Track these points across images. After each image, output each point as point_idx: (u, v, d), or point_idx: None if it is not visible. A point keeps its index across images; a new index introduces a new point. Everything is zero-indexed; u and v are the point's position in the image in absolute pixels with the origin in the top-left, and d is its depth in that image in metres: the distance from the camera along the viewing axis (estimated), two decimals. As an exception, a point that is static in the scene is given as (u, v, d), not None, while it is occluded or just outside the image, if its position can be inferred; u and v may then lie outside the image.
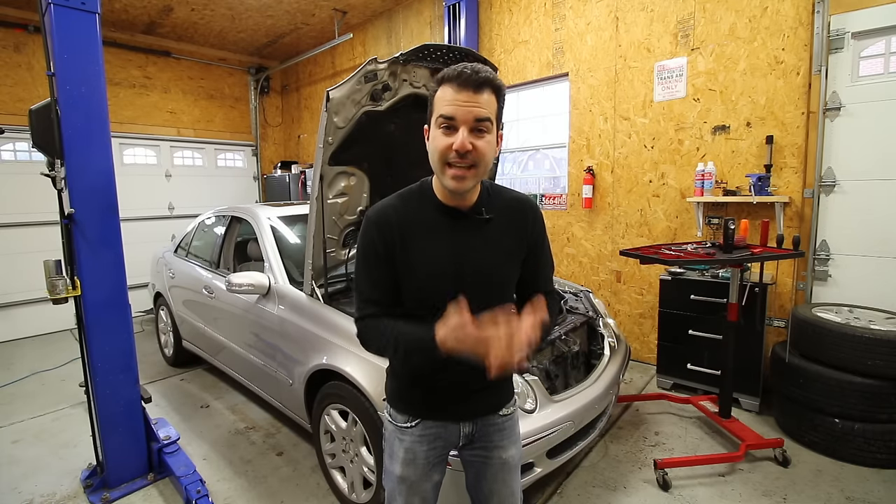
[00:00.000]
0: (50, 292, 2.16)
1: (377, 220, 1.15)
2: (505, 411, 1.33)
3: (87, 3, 2.16)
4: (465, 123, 1.02)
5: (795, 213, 3.21)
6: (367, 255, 1.16)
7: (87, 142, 2.22)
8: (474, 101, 1.02)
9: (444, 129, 1.05)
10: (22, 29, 5.25)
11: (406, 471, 1.27)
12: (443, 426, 1.27)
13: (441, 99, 1.05)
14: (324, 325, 2.34)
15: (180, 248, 4.17)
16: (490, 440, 1.31)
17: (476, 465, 1.34)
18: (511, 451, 1.33)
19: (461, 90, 1.02)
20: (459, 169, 1.05)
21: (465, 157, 1.03)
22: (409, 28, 5.55)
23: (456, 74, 1.03)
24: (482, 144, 1.04)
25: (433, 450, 1.27)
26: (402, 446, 1.27)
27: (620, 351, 2.72)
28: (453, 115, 1.03)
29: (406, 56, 2.30)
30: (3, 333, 5.26)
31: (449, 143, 1.03)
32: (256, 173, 7.61)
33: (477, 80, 1.02)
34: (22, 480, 2.62)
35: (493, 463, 1.31)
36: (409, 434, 1.27)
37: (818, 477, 2.45)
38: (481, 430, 1.30)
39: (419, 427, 1.26)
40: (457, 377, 1.20)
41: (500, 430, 1.31)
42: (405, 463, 1.27)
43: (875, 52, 2.91)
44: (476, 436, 1.30)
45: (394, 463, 1.29)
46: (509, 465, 1.33)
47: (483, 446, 1.31)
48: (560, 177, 4.64)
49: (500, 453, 1.31)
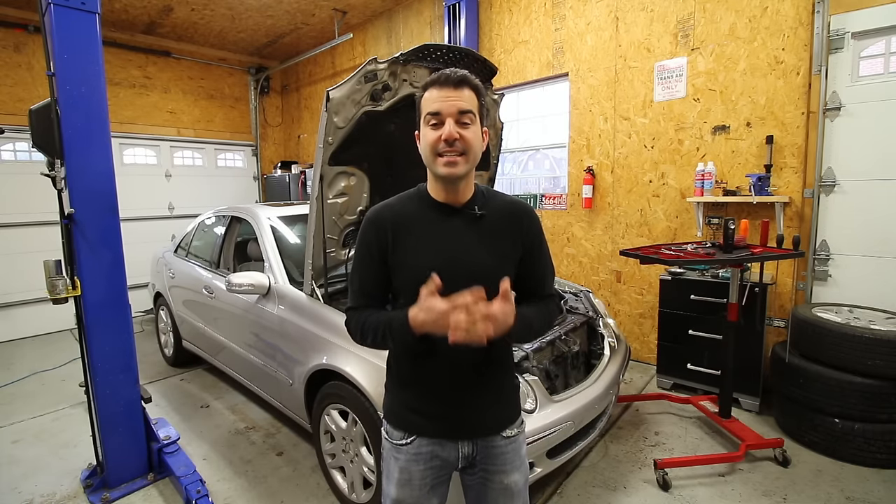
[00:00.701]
0: (50, 292, 2.16)
1: (374, 219, 1.22)
2: (509, 433, 1.26)
3: (87, 3, 2.16)
4: (450, 116, 1.11)
5: (795, 213, 3.21)
6: (361, 253, 1.23)
7: (87, 142, 2.22)
8: (456, 95, 1.12)
9: (432, 125, 1.13)
10: (22, 29, 5.25)
11: (401, 493, 1.23)
12: (439, 444, 1.22)
13: (427, 100, 1.15)
14: (324, 324, 2.34)
15: (180, 248, 4.17)
16: (492, 463, 1.24)
17: (476, 489, 1.28)
18: (514, 477, 1.26)
19: (443, 88, 1.12)
20: (450, 156, 1.12)
21: (453, 144, 1.11)
22: (409, 28, 5.55)
23: (437, 77, 1.14)
24: (468, 134, 1.12)
25: (430, 470, 1.23)
26: (398, 465, 1.23)
27: (620, 351, 2.72)
28: (438, 109, 1.12)
29: (406, 56, 2.30)
30: (3, 333, 5.26)
31: (438, 135, 1.12)
32: (256, 173, 7.62)
33: (456, 79, 1.12)
34: (22, 480, 2.62)
35: (493, 487, 1.25)
36: (403, 452, 1.23)
37: (818, 477, 2.45)
38: (482, 452, 1.24)
39: (414, 445, 1.22)
40: (451, 382, 1.20)
41: (502, 453, 1.24)
42: (400, 484, 1.23)
43: (875, 52, 2.91)
44: (477, 458, 1.25)
45: (389, 484, 1.26)
46: (511, 491, 1.26)
47: (484, 469, 1.25)
48: (560, 177, 4.64)
49: (501, 478, 1.25)
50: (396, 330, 1.11)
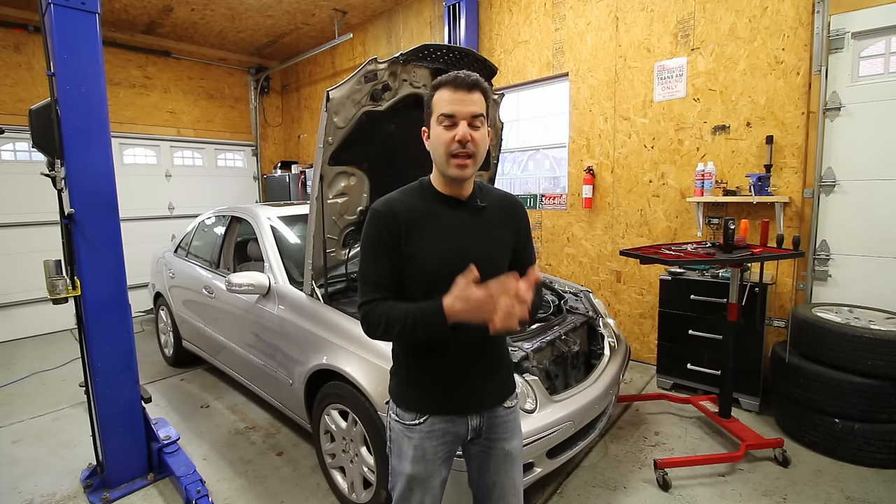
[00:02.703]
0: (50, 292, 2.16)
1: (385, 210, 1.23)
2: (509, 403, 1.38)
3: (87, 3, 2.16)
4: (463, 118, 1.17)
5: (795, 213, 3.21)
6: (374, 244, 1.24)
7: (87, 142, 2.22)
8: (469, 99, 1.17)
9: (445, 126, 1.18)
10: (22, 29, 5.25)
11: (416, 468, 1.29)
12: (450, 421, 1.30)
13: (440, 100, 1.19)
14: (324, 325, 2.34)
15: (180, 248, 4.17)
16: (495, 432, 1.35)
17: (479, 457, 1.37)
18: (514, 443, 1.38)
19: (457, 91, 1.17)
20: (462, 158, 1.18)
21: (465, 146, 1.17)
22: (409, 28, 5.55)
23: (452, 78, 1.18)
24: (478, 136, 1.19)
25: (442, 445, 1.30)
26: (412, 444, 1.29)
27: (620, 351, 2.72)
28: (453, 112, 1.17)
29: (406, 56, 2.29)
30: (3, 333, 5.26)
31: (452, 136, 1.17)
32: (256, 173, 7.62)
33: (469, 82, 1.18)
34: (22, 480, 2.62)
35: (496, 454, 1.35)
36: (417, 431, 1.29)
37: (818, 477, 2.45)
38: (488, 423, 1.34)
39: (427, 423, 1.28)
40: (459, 362, 1.27)
41: (504, 422, 1.36)
42: (415, 460, 1.29)
43: (875, 52, 2.91)
44: (483, 429, 1.34)
45: (403, 462, 1.30)
46: (511, 455, 1.37)
47: (488, 438, 1.35)
48: (560, 177, 4.64)
49: (503, 444, 1.35)
50: (429, 319, 1.11)
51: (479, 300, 1.04)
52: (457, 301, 1.06)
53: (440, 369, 1.28)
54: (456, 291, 1.06)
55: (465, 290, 1.05)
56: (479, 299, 1.04)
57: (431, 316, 1.11)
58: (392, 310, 1.18)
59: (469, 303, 1.05)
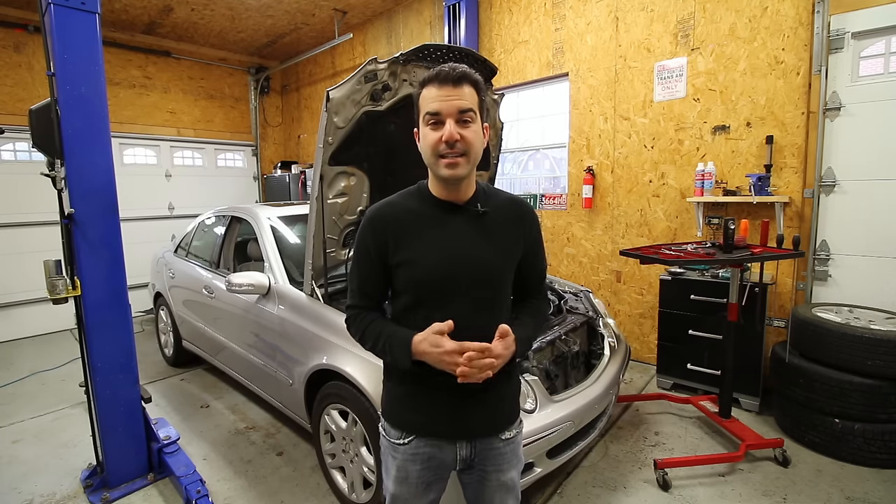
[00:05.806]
0: (50, 292, 2.16)
1: (373, 219, 1.19)
2: (507, 434, 1.25)
3: (87, 3, 2.16)
4: (450, 116, 1.08)
5: (795, 213, 3.21)
6: (358, 252, 1.23)
7: (87, 142, 2.22)
8: (456, 94, 1.08)
9: (431, 125, 1.10)
10: (22, 29, 5.25)
11: (399, 489, 1.25)
12: (437, 446, 1.21)
13: (425, 98, 1.11)
14: (324, 324, 2.34)
15: (180, 248, 4.17)
16: (490, 464, 1.25)
17: (474, 486, 1.30)
18: (510, 474, 1.28)
19: (442, 86, 1.09)
20: (451, 158, 1.09)
21: (454, 146, 1.08)
22: (409, 28, 5.55)
23: (435, 74, 1.10)
24: (469, 133, 1.09)
25: (426, 470, 1.22)
26: (395, 464, 1.24)
27: (620, 351, 2.72)
28: (438, 109, 1.08)
29: (406, 56, 2.30)
30: (3, 333, 5.26)
31: (438, 136, 1.09)
32: (256, 173, 7.61)
33: (455, 76, 1.09)
34: (22, 480, 2.62)
35: (490, 485, 1.27)
36: (401, 452, 1.23)
37: (818, 477, 2.45)
38: (481, 454, 1.23)
39: (412, 445, 1.21)
40: (447, 383, 1.13)
41: (500, 454, 1.25)
42: (398, 481, 1.24)
43: (875, 52, 2.91)
44: (475, 460, 1.24)
45: (388, 479, 1.28)
46: (507, 486, 1.28)
47: (482, 469, 1.25)
48: (560, 177, 4.64)
49: (497, 476, 1.26)
50: (396, 348, 1.13)
51: (445, 352, 1.05)
52: (425, 343, 1.07)
53: (428, 387, 1.18)
54: (427, 335, 1.07)
55: (436, 338, 1.06)
56: (445, 351, 1.05)
57: (399, 347, 1.12)
58: (370, 325, 1.19)
59: (435, 351, 1.06)
